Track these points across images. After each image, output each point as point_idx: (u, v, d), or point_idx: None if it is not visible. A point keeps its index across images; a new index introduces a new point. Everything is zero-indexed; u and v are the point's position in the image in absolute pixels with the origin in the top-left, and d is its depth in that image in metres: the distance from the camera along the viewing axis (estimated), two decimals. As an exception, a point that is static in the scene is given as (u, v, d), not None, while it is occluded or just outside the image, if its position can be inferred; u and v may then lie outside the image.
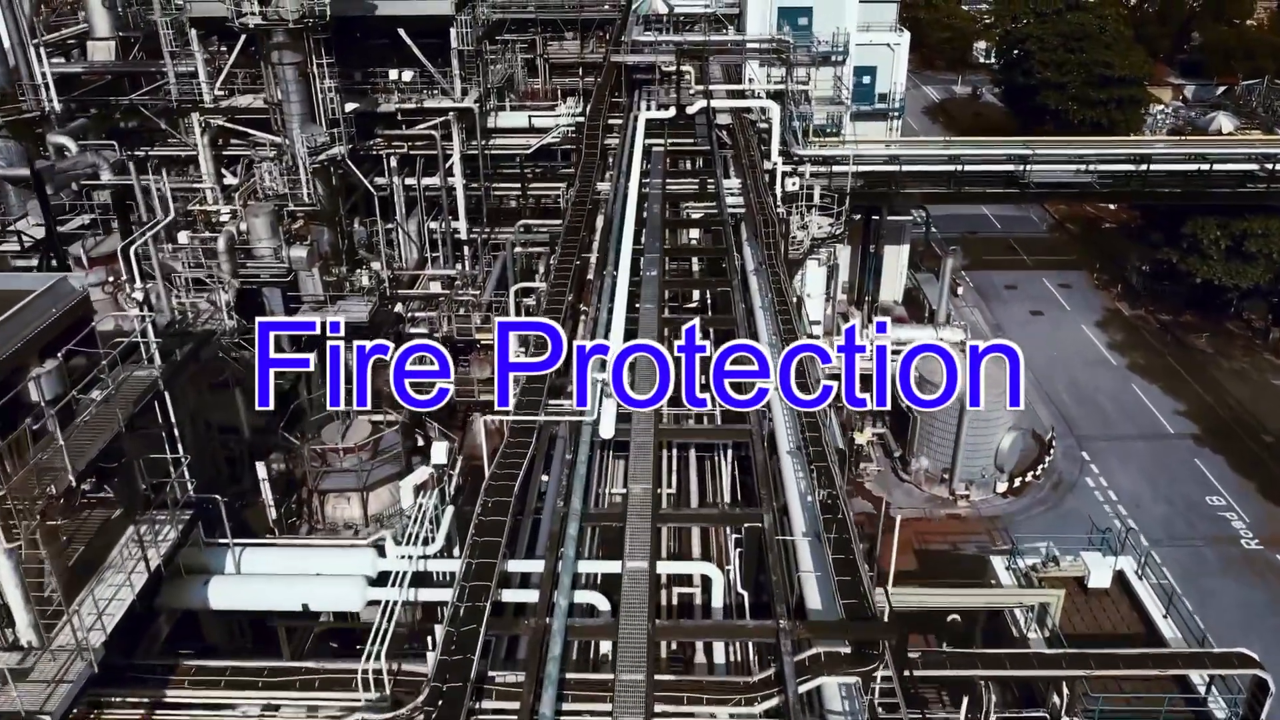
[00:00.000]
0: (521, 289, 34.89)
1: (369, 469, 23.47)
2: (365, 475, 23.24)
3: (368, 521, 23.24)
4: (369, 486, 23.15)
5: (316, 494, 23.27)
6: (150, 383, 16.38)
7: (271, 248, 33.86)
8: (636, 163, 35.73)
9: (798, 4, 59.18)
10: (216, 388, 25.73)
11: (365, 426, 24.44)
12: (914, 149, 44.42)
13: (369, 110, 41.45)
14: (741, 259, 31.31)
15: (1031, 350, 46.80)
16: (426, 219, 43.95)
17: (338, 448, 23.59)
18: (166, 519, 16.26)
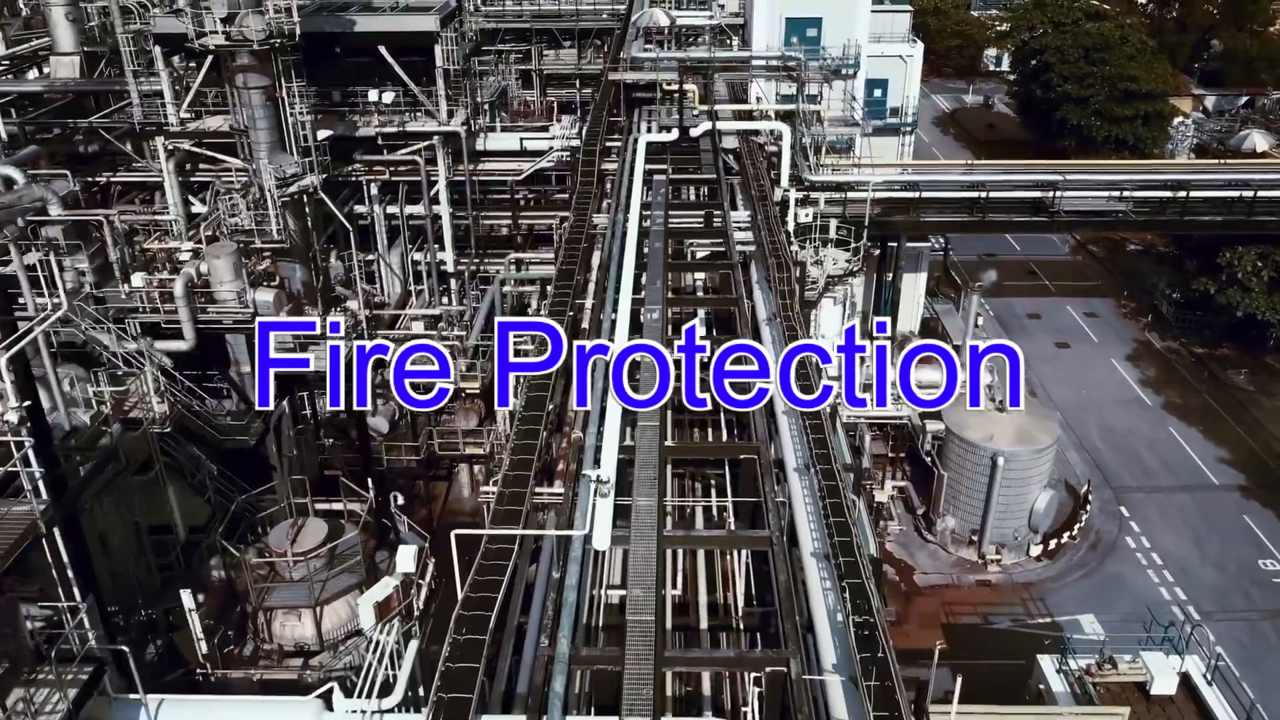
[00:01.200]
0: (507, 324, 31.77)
1: (323, 580, 20.38)
2: (319, 588, 20.14)
3: (322, 642, 20.14)
4: (323, 601, 20.04)
5: (262, 610, 20.17)
6: (29, 525, 13.32)
7: (234, 291, 30.76)
8: (637, 193, 32.63)
9: (806, 15, 56.14)
10: (148, 484, 22.44)
11: (320, 529, 21.30)
12: (934, 174, 41.42)
13: (347, 134, 38.41)
14: (753, 305, 28.27)
15: (1060, 389, 43.82)
16: (410, 250, 40.92)
17: (287, 555, 20.47)
18: (59, 680, 13.17)
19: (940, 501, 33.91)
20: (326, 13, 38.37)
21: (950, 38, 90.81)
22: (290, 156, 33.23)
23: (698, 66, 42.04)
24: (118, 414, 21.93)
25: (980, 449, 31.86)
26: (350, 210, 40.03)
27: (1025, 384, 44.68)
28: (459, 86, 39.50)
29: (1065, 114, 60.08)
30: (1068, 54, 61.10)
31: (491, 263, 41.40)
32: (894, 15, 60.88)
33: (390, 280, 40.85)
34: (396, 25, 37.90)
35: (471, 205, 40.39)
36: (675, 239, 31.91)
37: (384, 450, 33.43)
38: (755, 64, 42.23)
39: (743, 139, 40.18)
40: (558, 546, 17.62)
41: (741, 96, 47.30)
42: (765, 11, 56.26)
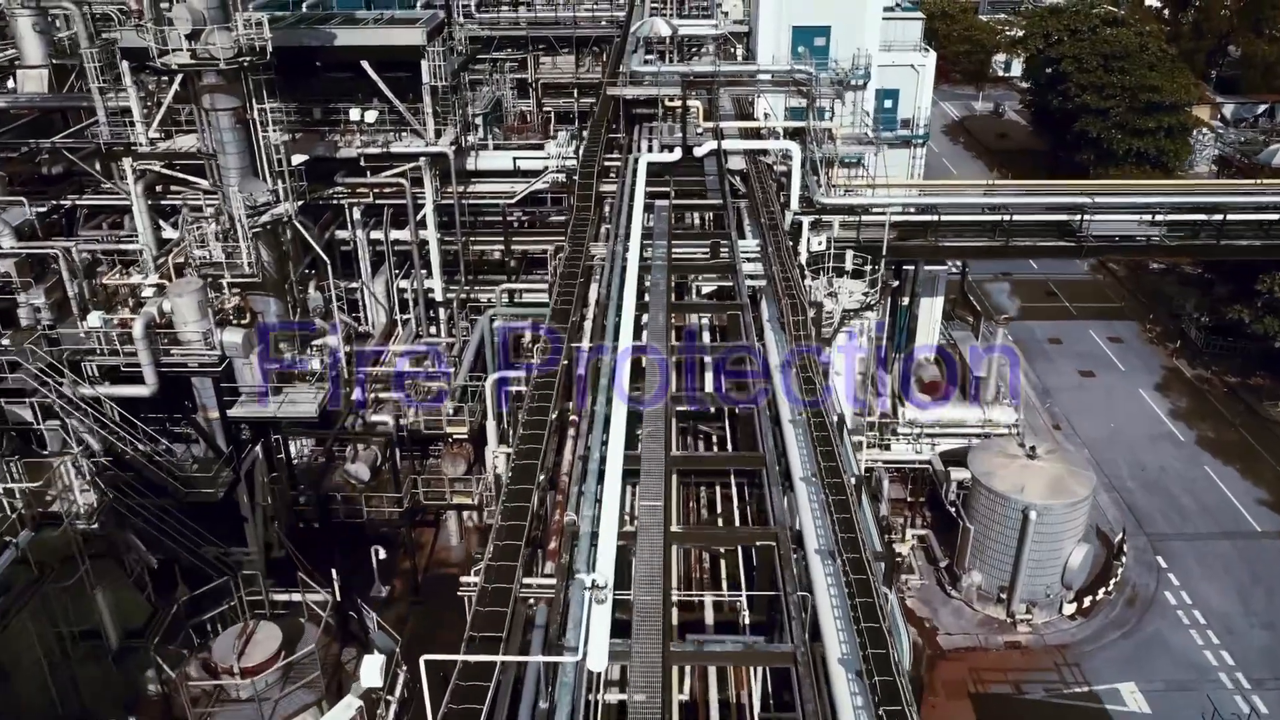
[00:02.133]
0: (500, 379, 29.26)
1: (276, 699, 17.88)
2: (271, 708, 17.64)
3: (273, 775, 17.68)
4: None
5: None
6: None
7: (200, 332, 28.30)
8: (637, 221, 30.11)
9: (814, 23, 53.67)
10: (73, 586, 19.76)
11: (273, 636, 18.77)
12: (953, 195, 38.93)
13: (328, 155, 35.91)
14: (764, 348, 25.75)
15: (1086, 421, 41.35)
16: (396, 277, 38.40)
17: (234, 670, 17.96)
18: None
19: (966, 555, 31.41)
20: (305, 25, 35.90)
21: (958, 43, 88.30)
22: (262, 183, 30.71)
23: (702, 81, 39.50)
24: (36, 506, 19.32)
25: (1010, 501, 29.37)
26: (331, 235, 37.54)
27: (1049, 417, 42.36)
28: (447, 103, 37.00)
29: (1084, 126, 57.52)
30: (1086, 63, 58.55)
31: (482, 290, 38.91)
32: (905, 23, 58.47)
33: (375, 310, 38.33)
34: (380, 39, 35.41)
35: (461, 229, 37.89)
36: (679, 273, 29.50)
37: (364, 501, 30.88)
38: (763, 78, 39.66)
39: (750, 158, 37.67)
40: (548, 675, 15.06)
41: (748, 111, 44.80)
42: (771, 20, 53.87)
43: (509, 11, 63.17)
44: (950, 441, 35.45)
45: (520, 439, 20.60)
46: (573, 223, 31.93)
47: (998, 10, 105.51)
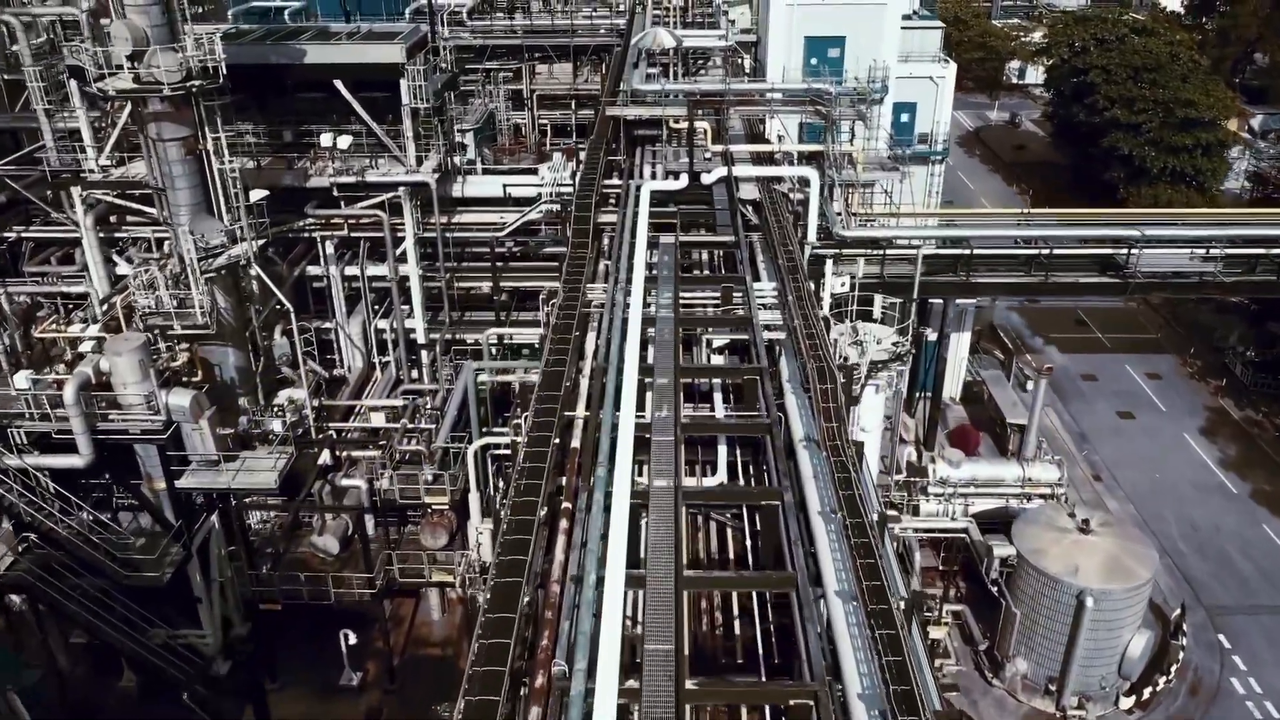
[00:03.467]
0: (485, 445, 25.79)
1: None
2: None
3: None
4: None
5: None
6: None
7: (142, 394, 24.83)
8: (640, 263, 26.70)
9: (827, 33, 50.23)
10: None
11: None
12: (984, 224, 35.48)
13: (296, 185, 32.47)
14: (785, 417, 22.31)
15: (1128, 471, 37.91)
16: (374, 317, 34.97)
17: None
18: None
19: (1010, 640, 27.96)
20: (271, 42, 32.43)
21: (972, 50, 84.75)
22: (217, 221, 27.24)
23: (709, 101, 36.05)
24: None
25: (1063, 585, 25.94)
26: (302, 271, 34.11)
27: (1088, 466, 38.89)
28: (430, 126, 33.54)
29: (1115, 142, 54.01)
30: (1115, 74, 55.07)
31: (469, 330, 35.44)
32: (924, 32, 55.00)
33: (350, 352, 34.88)
34: (354, 56, 31.97)
35: (446, 264, 34.45)
36: (687, 325, 26.05)
37: (331, 581, 27.40)
38: (776, 97, 36.19)
39: (763, 186, 34.23)
40: None
41: (759, 131, 41.38)
42: (782, 30, 50.36)
43: (503, 19, 59.88)
44: (986, 502, 32.01)
45: (502, 545, 17.24)
46: (568, 261, 28.51)
47: (1010, 15, 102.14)
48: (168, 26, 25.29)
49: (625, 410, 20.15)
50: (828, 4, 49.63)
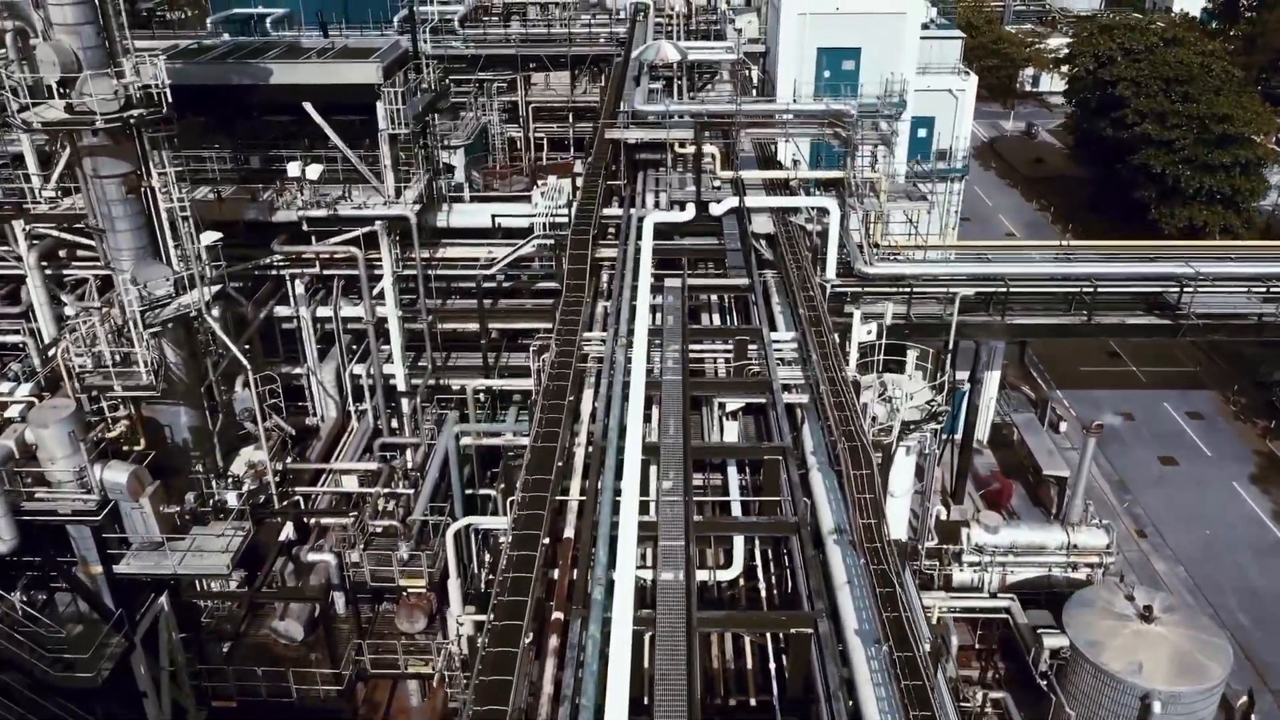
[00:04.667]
0: (467, 525, 22.59)
1: None
2: None
3: None
4: None
5: None
6: None
7: (72, 470, 21.68)
8: (643, 312, 23.48)
9: (842, 44, 47.11)
10: None
11: None
12: (1021, 260, 32.28)
13: (261, 220, 29.33)
14: (812, 504, 19.19)
15: (1175, 528, 34.77)
16: (349, 362, 31.81)
17: None
18: None
19: (1061, 740, 24.74)
20: (233, 60, 29.26)
21: (986, 56, 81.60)
22: (164, 267, 24.06)
23: (718, 122, 32.89)
24: None
25: (1125, 685, 22.73)
26: (270, 312, 30.96)
27: (1131, 521, 35.73)
28: (411, 152, 30.41)
29: (1146, 159, 50.80)
30: (1146, 87, 51.90)
31: (455, 375, 32.28)
32: (942, 42, 51.88)
33: (323, 401, 31.70)
34: (325, 76, 28.81)
35: (429, 303, 31.30)
36: (698, 389, 22.90)
37: (292, 676, 24.18)
38: (791, 118, 32.96)
39: (778, 217, 31.11)
40: None
41: (771, 153, 38.23)
42: (793, 41, 47.27)
43: (497, 27, 56.84)
44: (1026, 571, 28.83)
45: (482, 663, 14.25)
46: (563, 305, 25.44)
47: (1023, 20, 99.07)
48: (103, 48, 22.10)
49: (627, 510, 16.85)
50: (842, 13, 46.53)
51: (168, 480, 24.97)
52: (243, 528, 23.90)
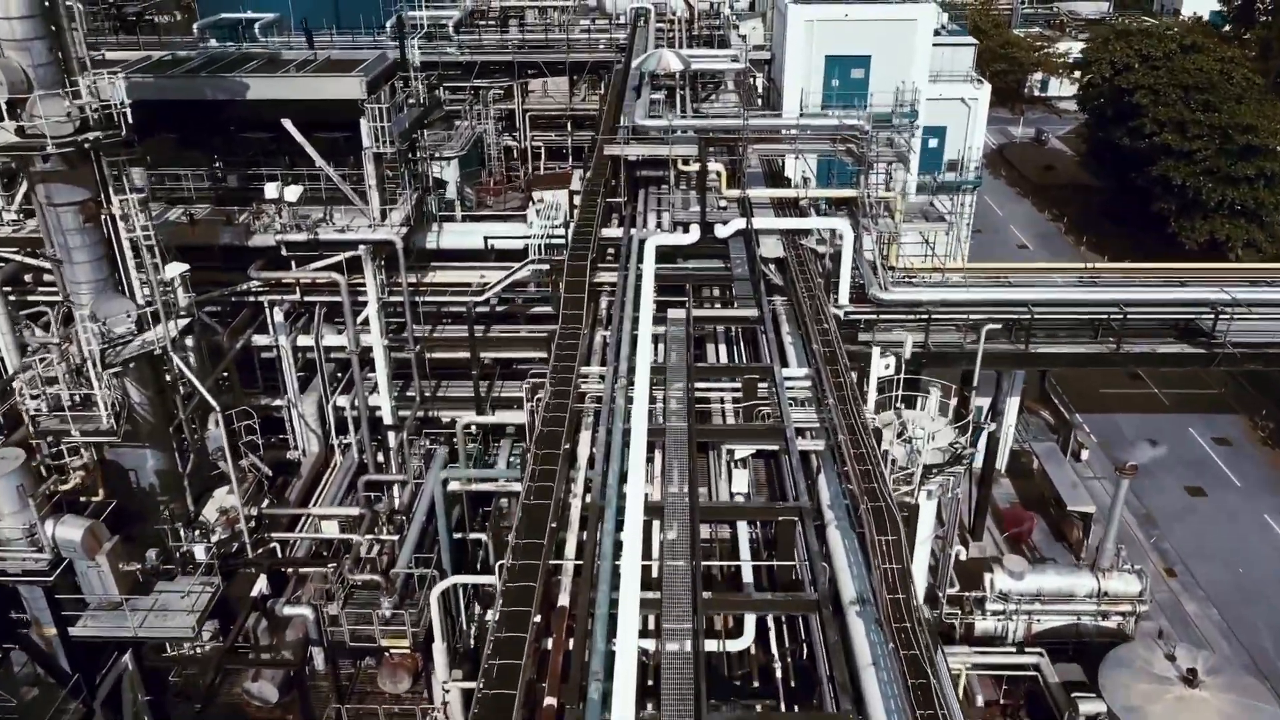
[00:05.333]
0: (454, 585, 20.75)
1: None
2: None
3: None
4: None
5: None
6: None
7: (21, 527, 19.86)
8: (644, 349, 21.63)
9: (851, 52, 45.34)
10: None
11: None
12: (1045, 288, 30.37)
13: (237, 245, 27.50)
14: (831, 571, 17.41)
15: (1208, 565, 33.00)
16: (332, 393, 29.98)
17: None
18: None
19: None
20: (207, 73, 27.44)
21: (994, 61, 79.73)
22: (126, 300, 22.23)
23: (724, 138, 31.07)
24: None
25: (1169, 758, 20.98)
26: (248, 341, 29.13)
27: (1159, 557, 33.91)
28: (398, 170, 28.58)
29: (1165, 170, 48.96)
30: (1164, 95, 50.07)
31: (445, 407, 30.47)
32: (954, 49, 50.09)
33: (305, 435, 29.87)
34: (305, 91, 26.99)
35: (417, 331, 29.46)
36: (705, 436, 21.09)
37: (265, 743, 22.42)
38: (802, 133, 31.09)
39: (788, 240, 29.30)
40: None
41: (778, 166, 36.39)
42: (800, 49, 45.56)
43: (493, 33, 55.11)
44: (1053, 619, 27.05)
45: None
46: (559, 338, 23.66)
47: (1031, 24, 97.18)
48: (56, 65, 20.28)
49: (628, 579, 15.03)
50: (852, 20, 44.77)
51: (133, 528, 23.25)
52: (211, 583, 22.11)
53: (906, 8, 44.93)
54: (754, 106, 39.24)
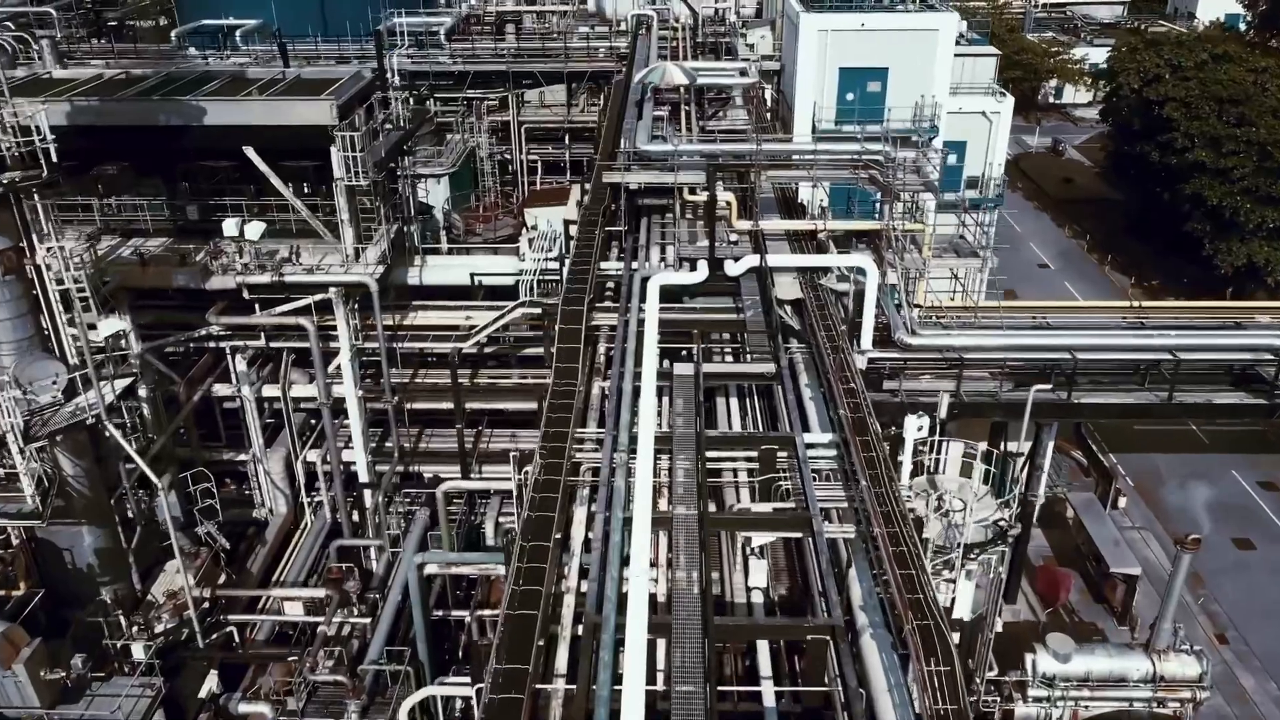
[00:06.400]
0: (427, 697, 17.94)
1: None
2: None
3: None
4: None
5: None
6: None
7: (-77, 634, 17.04)
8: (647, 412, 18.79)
9: (867, 64, 42.45)
10: None
11: None
12: (1090, 331, 27.50)
13: (192, 287, 24.69)
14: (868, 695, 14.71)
15: (1263, 630, 30.30)
16: (301, 448, 27.19)
17: None
18: None
19: None
20: (159, 95, 24.64)
21: (1009, 68, 76.81)
22: (54, 362, 19.44)
23: (734, 165, 28.30)
24: None
25: None
26: (208, 391, 26.34)
27: (1208, 620, 31.11)
28: (374, 203, 25.77)
29: (1199, 188, 46.13)
30: (1197, 108, 47.24)
31: (426, 462, 27.69)
32: (974, 60, 47.23)
33: (271, 494, 27.06)
34: (269, 115, 24.17)
35: (395, 377, 26.65)
36: (717, 523, 18.32)
37: None
38: (820, 159, 28.24)
39: (806, 281, 26.50)
40: None
41: (791, 192, 33.60)
42: (813, 60, 42.67)
43: (488, 40, 52.35)
44: (1102, 705, 24.27)
45: None
46: (551, 396, 20.84)
47: (1044, 28, 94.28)
48: (-33, 96, 17.52)
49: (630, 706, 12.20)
50: (868, 30, 41.90)
51: (68, 613, 20.50)
52: (152, 685, 19.32)
53: (927, 16, 42.06)
54: (765, 124, 36.36)
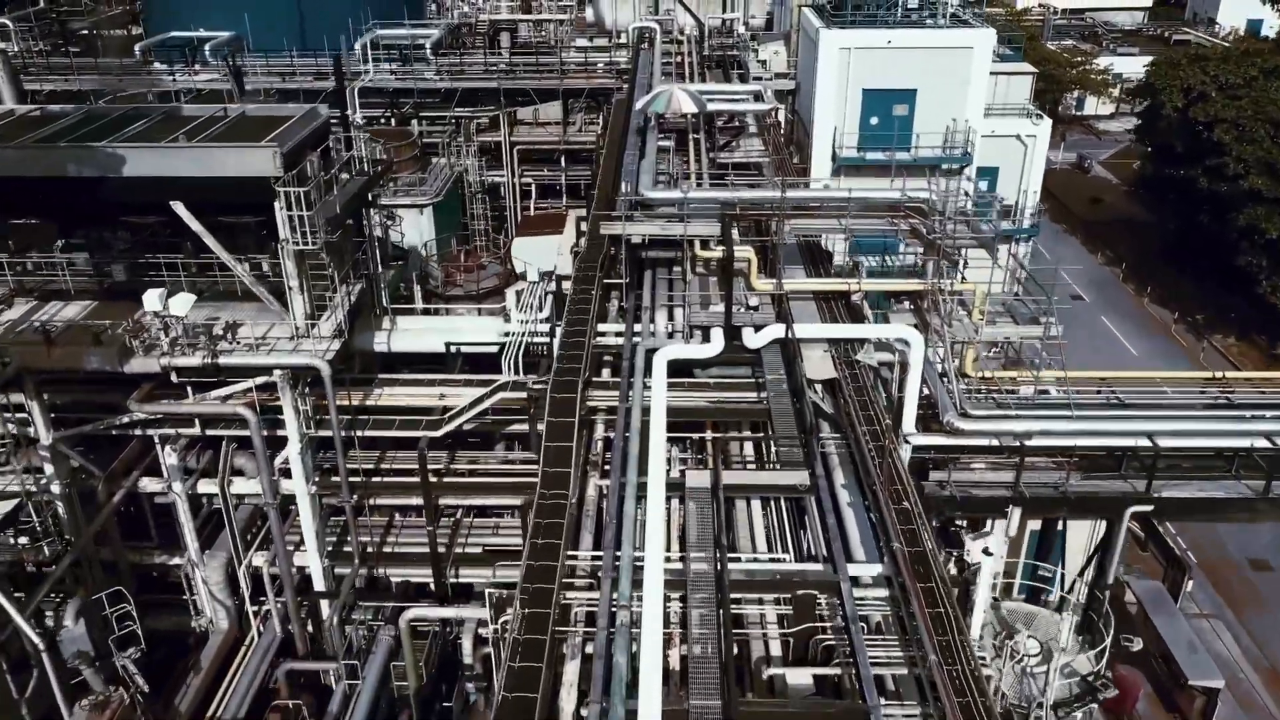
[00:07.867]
0: None
1: None
2: None
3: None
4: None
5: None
6: None
7: None
8: (655, 544, 14.89)
9: (893, 85, 38.40)
10: None
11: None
12: (1171, 413, 23.35)
13: (108, 370, 20.62)
14: None
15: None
16: (245, 552, 23.11)
17: None
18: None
19: None
20: (71, 141, 20.57)
21: (1031, 79, 72.74)
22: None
23: (753, 214, 24.33)
24: None
25: None
26: (134, 487, 22.29)
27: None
28: (323, 269, 21.71)
29: (1254, 220, 42.01)
30: (1250, 131, 43.18)
31: (395, 565, 23.61)
32: (1009, 79, 43.16)
33: (212, 607, 22.99)
34: (199, 165, 20.11)
35: (355, 470, 22.60)
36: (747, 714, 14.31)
37: None
38: (853, 207, 24.17)
39: (839, 358, 22.46)
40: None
41: (815, 239, 29.49)
42: (833, 80, 38.65)
43: (477, 53, 48.54)
44: None
45: None
46: (536, 512, 16.94)
47: (1063, 36, 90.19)
48: None
49: None
50: (895, 48, 37.84)
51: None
52: None
53: (960, 33, 38.06)
54: (783, 155, 32.24)
